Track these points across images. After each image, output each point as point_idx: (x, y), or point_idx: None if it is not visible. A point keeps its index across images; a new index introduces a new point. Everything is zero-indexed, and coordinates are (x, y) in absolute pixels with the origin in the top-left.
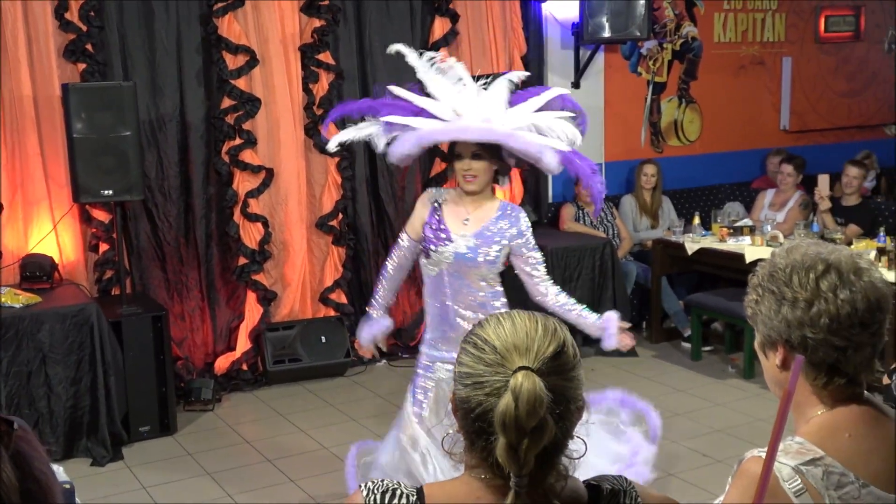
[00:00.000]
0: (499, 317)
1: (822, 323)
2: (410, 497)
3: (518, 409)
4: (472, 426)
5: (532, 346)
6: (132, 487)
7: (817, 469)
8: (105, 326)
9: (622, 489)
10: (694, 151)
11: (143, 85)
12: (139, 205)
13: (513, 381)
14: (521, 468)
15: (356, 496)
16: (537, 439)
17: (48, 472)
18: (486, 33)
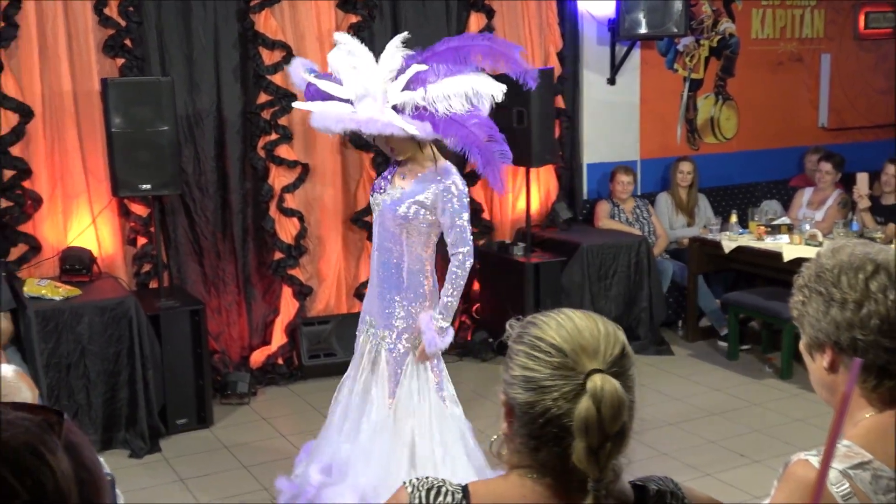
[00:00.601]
0: (556, 318)
1: (872, 324)
2: (455, 494)
3: (601, 413)
4: (540, 431)
5: (599, 348)
6: (170, 479)
7: (866, 473)
8: (144, 320)
9: (668, 490)
10: (730, 149)
11: (181, 80)
12: (177, 199)
13: (591, 384)
14: (601, 472)
15: (401, 493)
16: (620, 443)
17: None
18: (521, 29)
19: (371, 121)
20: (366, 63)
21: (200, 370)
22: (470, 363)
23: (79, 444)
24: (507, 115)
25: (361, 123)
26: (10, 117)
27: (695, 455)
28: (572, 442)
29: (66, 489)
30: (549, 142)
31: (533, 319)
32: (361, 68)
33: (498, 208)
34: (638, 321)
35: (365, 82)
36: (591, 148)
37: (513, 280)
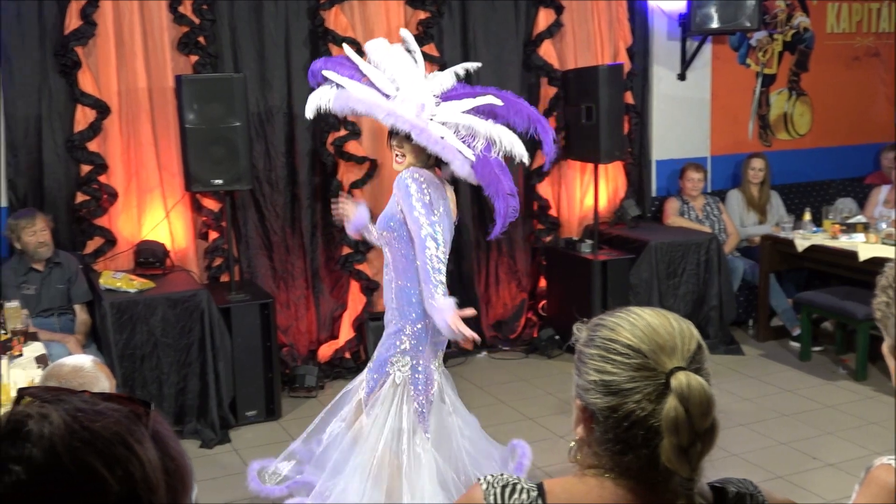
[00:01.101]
0: (626, 317)
1: None
2: (531, 492)
3: (690, 411)
4: (626, 434)
5: (676, 345)
6: (239, 470)
7: None
8: (215, 312)
9: (748, 492)
10: (804, 145)
11: (253, 77)
12: (247, 194)
13: (675, 383)
14: (693, 471)
15: (475, 490)
16: (710, 440)
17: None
18: (591, 25)
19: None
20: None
21: (269, 363)
22: (536, 360)
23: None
24: (576, 112)
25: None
26: (87, 113)
27: (766, 457)
28: (660, 442)
29: (153, 479)
30: (617, 138)
31: (601, 321)
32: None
33: (565, 205)
34: (707, 320)
35: (410, 83)
36: (660, 144)
37: (580, 277)
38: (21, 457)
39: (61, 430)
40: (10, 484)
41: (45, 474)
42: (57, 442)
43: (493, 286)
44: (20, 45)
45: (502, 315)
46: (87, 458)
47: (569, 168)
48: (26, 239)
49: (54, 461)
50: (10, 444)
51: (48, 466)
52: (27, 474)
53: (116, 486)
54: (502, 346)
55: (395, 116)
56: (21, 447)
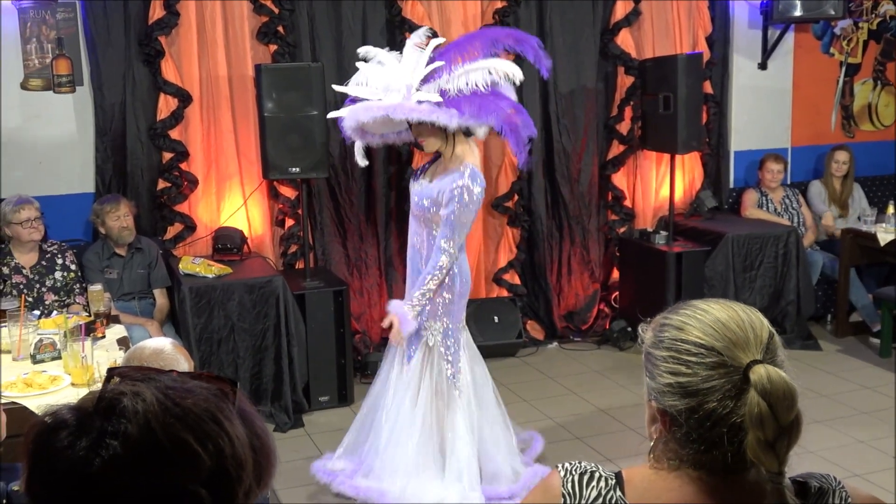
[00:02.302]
0: (693, 315)
1: None
2: (609, 480)
3: (773, 405)
4: (709, 433)
5: (749, 337)
6: (312, 454)
7: None
8: (290, 298)
9: (831, 488)
10: (889, 137)
11: (330, 66)
12: (323, 182)
13: (754, 377)
14: (780, 465)
15: (553, 477)
16: (796, 433)
17: (267, 430)
18: (669, 12)
19: (399, 107)
20: (390, 61)
21: (342, 349)
22: (608, 351)
23: (251, 413)
24: (654, 101)
25: (388, 109)
26: (170, 102)
27: (843, 455)
28: (745, 438)
29: (242, 455)
30: (695, 128)
31: (667, 321)
32: (387, 66)
33: (640, 196)
34: (784, 314)
35: (388, 77)
36: (739, 135)
37: (653, 269)
38: (117, 432)
39: (154, 406)
40: (107, 458)
41: (141, 448)
42: (151, 418)
43: (566, 276)
44: (106, 34)
45: (574, 306)
46: (181, 433)
47: (644, 158)
48: (110, 223)
49: (149, 436)
50: (107, 420)
51: (144, 441)
52: (123, 448)
53: (208, 460)
54: (574, 337)
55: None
56: (117, 423)
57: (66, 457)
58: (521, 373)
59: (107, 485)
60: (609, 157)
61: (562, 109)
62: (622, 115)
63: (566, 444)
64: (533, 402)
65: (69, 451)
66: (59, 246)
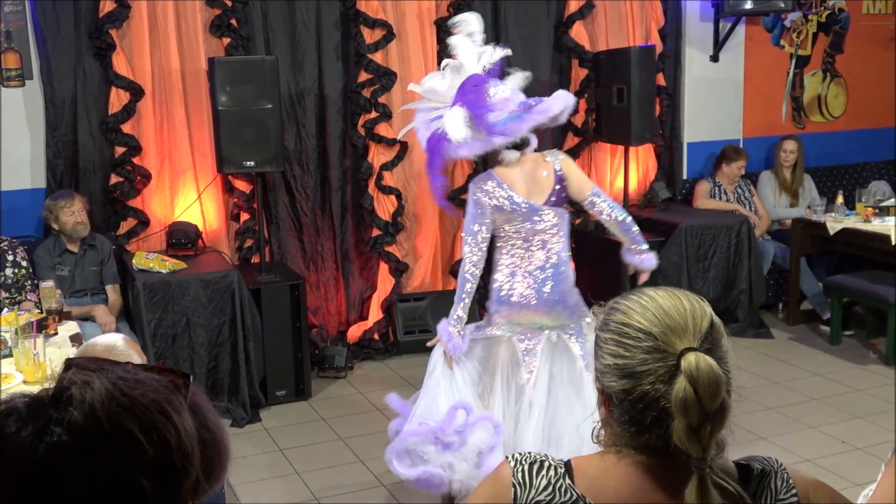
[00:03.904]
0: (639, 301)
1: None
2: (558, 469)
3: (699, 392)
4: (640, 416)
5: (687, 325)
6: (269, 449)
7: None
8: (246, 293)
9: (773, 470)
10: (838, 128)
11: (284, 59)
12: (278, 176)
13: (684, 363)
14: (704, 451)
15: (503, 467)
16: (721, 420)
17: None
18: (622, 6)
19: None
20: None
21: (299, 343)
22: None
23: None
24: (608, 94)
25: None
26: (121, 95)
27: (794, 440)
28: (672, 423)
29: (189, 448)
30: (648, 120)
31: (616, 305)
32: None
33: None
34: (737, 303)
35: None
36: (692, 126)
37: (609, 260)
38: (63, 419)
39: (102, 395)
40: (51, 444)
41: (84, 436)
42: (97, 406)
43: None
44: (55, 27)
45: None
46: (125, 422)
47: (599, 150)
48: (64, 219)
49: (94, 424)
50: (55, 408)
51: (87, 429)
52: (68, 435)
53: (151, 451)
54: None
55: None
56: (64, 411)
57: (12, 442)
58: None
59: (51, 471)
60: (564, 149)
61: None
62: (577, 108)
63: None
64: None
65: (16, 437)
66: (9, 242)
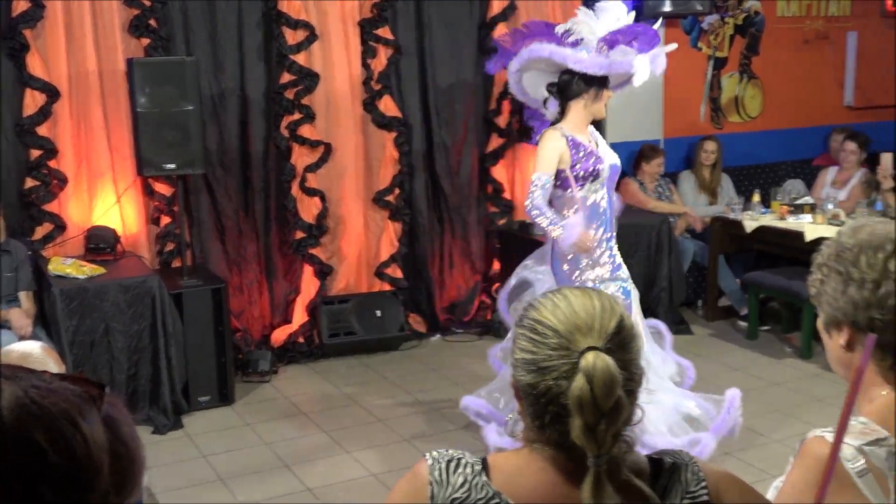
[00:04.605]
0: (552, 298)
1: (889, 304)
2: (475, 466)
3: (594, 390)
4: (544, 410)
5: (594, 325)
6: (192, 455)
7: (881, 450)
8: (166, 298)
9: (684, 463)
10: (755, 128)
11: (205, 60)
12: (200, 178)
13: (583, 362)
14: (599, 448)
15: (421, 465)
16: (615, 419)
17: (136, 438)
18: (544, 7)
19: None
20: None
21: (222, 348)
22: (490, 341)
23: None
24: None
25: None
26: (36, 97)
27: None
28: (570, 419)
29: (97, 459)
30: None
31: (533, 302)
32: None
33: (519, 188)
34: (657, 301)
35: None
36: (614, 127)
37: None
38: None
39: (10, 402)
40: None
41: None
42: (4, 413)
43: (447, 269)
44: None
45: (456, 298)
46: (31, 430)
47: (523, 151)
48: None
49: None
50: None
51: None
52: None
53: (55, 459)
54: (456, 329)
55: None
56: None
57: None
58: (405, 366)
59: None
60: (488, 149)
61: (441, 103)
62: (500, 109)
63: (452, 434)
64: (417, 395)
65: None
66: None
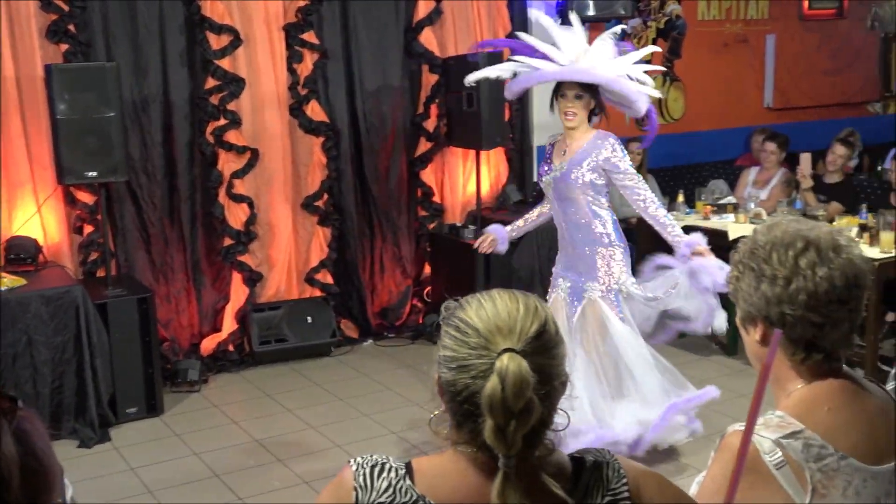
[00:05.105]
0: (479, 298)
1: (800, 300)
2: (399, 470)
3: (505, 391)
4: (460, 408)
5: (515, 327)
6: (120, 468)
7: (797, 442)
8: (91, 308)
9: (605, 461)
10: (678, 130)
11: (127, 65)
12: (123, 186)
13: (498, 363)
14: (509, 448)
15: (345, 471)
16: (525, 421)
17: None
18: (470, 12)
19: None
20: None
21: (149, 358)
22: (422, 345)
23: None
24: (458, 99)
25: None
26: None
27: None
28: (482, 419)
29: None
30: (498, 124)
31: (461, 302)
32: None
33: (448, 191)
34: None
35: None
36: (541, 130)
37: (464, 263)
38: None
39: None
40: None
41: None
42: None
43: (378, 274)
44: None
45: (387, 302)
46: None
47: (451, 155)
48: None
49: None
50: None
51: None
52: None
53: None
54: (388, 334)
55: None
56: None
57: None
58: (337, 372)
59: None
60: (417, 154)
61: (369, 107)
62: (428, 113)
63: (382, 439)
64: (349, 401)
65: None
66: None
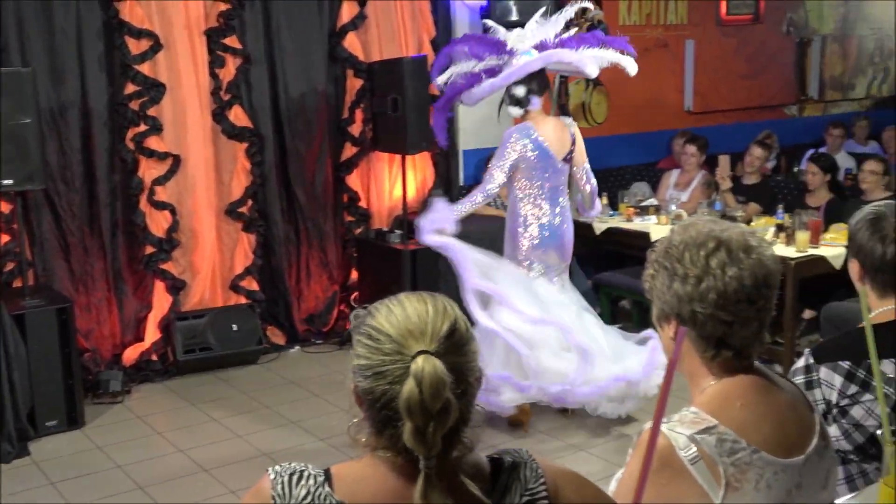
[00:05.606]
0: (388, 304)
1: (710, 298)
2: (318, 478)
3: (422, 393)
4: (379, 414)
5: (426, 329)
6: (39, 483)
7: (711, 437)
8: (7, 320)
9: (523, 461)
10: (602, 133)
11: (43, 71)
12: (41, 194)
13: (413, 366)
14: (429, 450)
15: (263, 480)
16: (443, 421)
17: None
18: (394, 17)
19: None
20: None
21: (69, 370)
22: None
23: None
24: (382, 103)
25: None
26: None
27: (571, 433)
28: (402, 423)
29: None
30: (424, 129)
31: (370, 309)
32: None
33: (375, 196)
34: None
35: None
36: (467, 135)
37: (390, 268)
38: None
39: None
40: None
41: None
42: None
43: (305, 280)
44: None
45: (314, 308)
46: None
47: (377, 159)
48: None
49: None
50: None
51: None
52: None
53: None
54: (315, 340)
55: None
56: None
57: None
58: (264, 379)
59: None
60: (343, 158)
61: (293, 112)
62: (353, 118)
63: (312, 445)
64: (277, 408)
65: None
66: None
